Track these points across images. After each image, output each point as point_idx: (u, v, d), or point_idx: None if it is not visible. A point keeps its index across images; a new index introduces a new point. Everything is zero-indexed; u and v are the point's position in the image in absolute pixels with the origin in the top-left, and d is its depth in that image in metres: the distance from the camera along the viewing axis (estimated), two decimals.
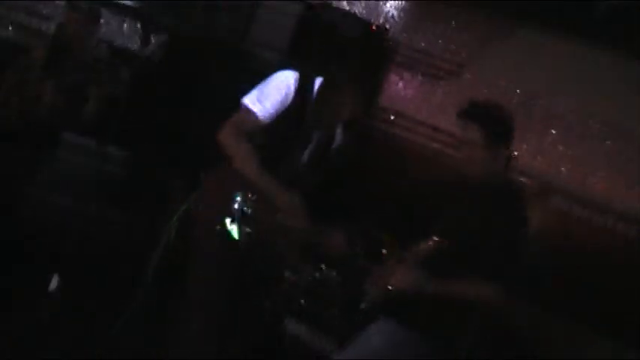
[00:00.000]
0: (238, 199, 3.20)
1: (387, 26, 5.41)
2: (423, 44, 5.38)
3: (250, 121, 3.20)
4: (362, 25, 5.24)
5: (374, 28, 5.26)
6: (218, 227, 3.18)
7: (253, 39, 5.25)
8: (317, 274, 3.89)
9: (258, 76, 3.34)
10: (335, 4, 5.46)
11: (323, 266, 3.91)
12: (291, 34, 5.11)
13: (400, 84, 5.36)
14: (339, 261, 3.73)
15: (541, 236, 4.71)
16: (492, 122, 3.07)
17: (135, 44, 5.68)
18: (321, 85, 3.27)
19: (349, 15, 5.41)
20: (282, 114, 3.22)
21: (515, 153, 3.06)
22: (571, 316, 4.50)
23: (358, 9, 5.50)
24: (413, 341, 3.06)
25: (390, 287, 2.98)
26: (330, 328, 3.95)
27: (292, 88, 3.22)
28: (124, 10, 5.68)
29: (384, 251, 3.12)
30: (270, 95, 3.21)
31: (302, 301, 3.93)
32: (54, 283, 3.81)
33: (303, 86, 3.24)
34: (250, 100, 3.22)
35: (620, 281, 4.57)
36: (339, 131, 3.39)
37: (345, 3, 5.51)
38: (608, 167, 4.90)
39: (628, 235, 4.71)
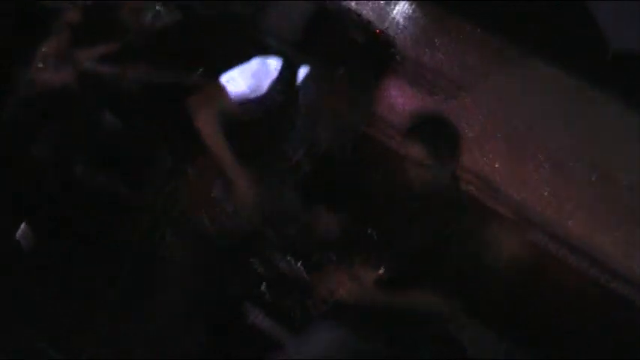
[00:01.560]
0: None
1: (396, 37, 5.43)
2: (429, 61, 5.40)
3: (220, 98, 3.22)
4: (371, 31, 5.25)
5: (383, 36, 5.27)
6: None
7: (262, 27, 5.27)
8: (284, 266, 3.89)
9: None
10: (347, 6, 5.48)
11: (292, 259, 3.92)
12: (299, 27, 5.12)
13: (399, 96, 5.37)
14: (309, 255, 3.74)
15: (512, 266, 4.75)
16: (437, 137, 3.08)
17: (147, 18, 5.70)
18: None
19: (360, 19, 5.42)
20: (264, 102, 3.23)
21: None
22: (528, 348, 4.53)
23: (370, 15, 5.52)
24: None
25: (336, 298, 2.98)
26: (290, 321, 3.95)
27: (271, 75, 3.23)
28: None
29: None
30: (246, 77, 3.22)
31: (264, 290, 3.94)
32: (21, 231, 3.81)
33: (286, 74, 3.25)
34: (225, 79, 3.23)
35: (582, 322, 4.61)
36: (330, 128, 3.40)
37: (356, 7, 5.53)
38: (590, 210, 4.93)
39: (599, 279, 4.74)
